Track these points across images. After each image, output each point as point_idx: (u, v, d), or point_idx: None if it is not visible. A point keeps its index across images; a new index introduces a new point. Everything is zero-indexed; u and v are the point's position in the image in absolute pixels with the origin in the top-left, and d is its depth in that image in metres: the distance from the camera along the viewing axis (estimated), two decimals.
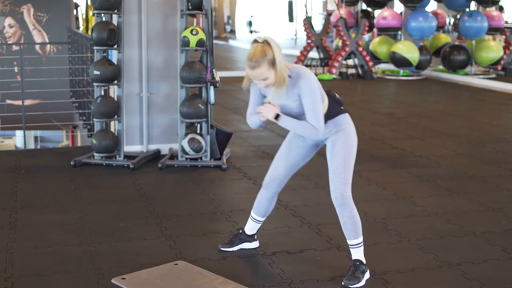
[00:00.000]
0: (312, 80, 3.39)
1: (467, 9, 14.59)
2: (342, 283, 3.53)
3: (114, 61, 6.31)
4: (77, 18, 17.02)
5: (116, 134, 6.31)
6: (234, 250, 4.01)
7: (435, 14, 14.75)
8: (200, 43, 6.09)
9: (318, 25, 20.76)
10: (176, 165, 6.18)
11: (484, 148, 7.12)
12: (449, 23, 20.73)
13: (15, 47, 13.08)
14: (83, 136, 11.17)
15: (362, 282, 3.54)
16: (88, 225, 4.51)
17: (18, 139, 13.54)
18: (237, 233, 4.06)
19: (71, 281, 3.59)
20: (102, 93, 6.32)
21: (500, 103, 10.84)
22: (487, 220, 4.69)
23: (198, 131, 6.30)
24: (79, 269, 3.74)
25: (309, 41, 15.52)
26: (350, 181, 3.55)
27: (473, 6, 14.78)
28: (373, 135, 7.74)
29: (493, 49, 14.17)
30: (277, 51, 3.33)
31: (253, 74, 3.35)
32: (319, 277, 3.65)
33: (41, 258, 3.91)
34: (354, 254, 3.62)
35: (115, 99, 6.30)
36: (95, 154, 6.27)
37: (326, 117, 3.50)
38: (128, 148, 6.62)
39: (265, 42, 3.34)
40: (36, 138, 13.42)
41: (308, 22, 15.46)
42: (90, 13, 14.61)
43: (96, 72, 6.06)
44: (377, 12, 15.61)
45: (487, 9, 14.66)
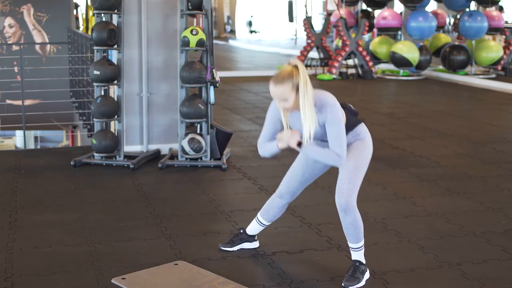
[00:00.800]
0: (338, 109, 3.38)
1: (467, 9, 14.58)
2: (342, 284, 3.53)
3: (114, 61, 6.31)
4: (77, 18, 17.02)
5: (116, 134, 6.31)
6: (234, 250, 4.02)
7: (435, 14, 14.74)
8: (200, 43, 6.09)
9: (318, 25, 20.76)
10: (176, 165, 6.18)
11: (484, 148, 7.12)
12: (449, 23, 20.73)
13: (15, 47, 13.08)
14: (83, 136, 11.17)
15: (362, 283, 3.54)
16: (88, 225, 4.51)
17: (18, 139, 13.54)
18: (238, 233, 4.06)
19: (71, 281, 3.59)
20: (102, 93, 6.32)
21: (500, 103, 10.84)
22: (487, 220, 4.69)
23: (198, 131, 6.30)
24: (79, 269, 3.74)
25: (309, 41, 15.52)
26: (357, 190, 3.54)
27: (473, 6, 14.77)
28: (373, 135, 7.64)
29: (493, 49, 14.17)
30: (304, 78, 3.32)
31: (275, 91, 3.34)
32: (319, 277, 3.65)
33: (41, 258, 3.91)
34: (354, 256, 3.62)
35: (115, 99, 6.30)
36: (95, 154, 6.27)
37: (346, 129, 3.49)
38: (128, 148, 6.62)
39: (296, 67, 3.35)
40: (36, 138, 13.43)
41: (308, 22, 15.45)
42: (90, 13, 14.61)
43: (96, 72, 6.06)
44: (377, 12, 15.60)
45: (487, 9, 14.65)
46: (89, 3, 14.45)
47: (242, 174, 5.94)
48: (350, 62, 14.83)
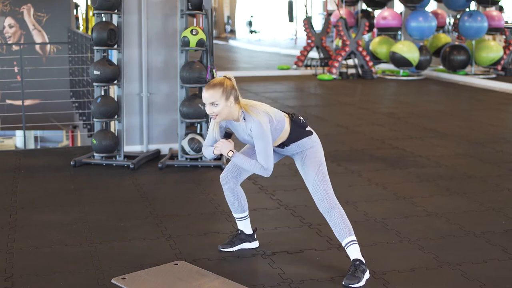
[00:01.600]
0: (262, 123, 3.54)
1: (467, 9, 14.58)
2: (343, 283, 3.53)
3: (114, 61, 6.31)
4: (77, 18, 17.02)
5: (116, 134, 6.31)
6: (234, 250, 4.02)
7: (435, 14, 14.74)
8: (200, 43, 6.09)
9: (318, 25, 20.75)
10: (176, 165, 6.18)
11: (484, 148, 7.12)
12: (449, 23, 20.73)
13: (15, 47, 13.09)
14: (83, 136, 11.17)
15: (362, 282, 3.55)
16: (88, 225, 4.51)
17: (18, 139, 13.54)
18: (237, 233, 4.06)
19: (71, 281, 3.59)
20: (102, 93, 6.32)
21: (500, 103, 10.84)
22: (487, 220, 4.69)
23: (198, 131, 6.30)
24: (79, 269, 3.74)
25: (309, 41, 15.51)
26: (330, 186, 3.69)
27: (473, 6, 14.77)
28: (373, 135, 7.74)
29: (493, 49, 14.16)
30: (235, 90, 3.55)
31: (206, 96, 3.53)
32: (319, 277, 3.65)
33: (41, 258, 3.91)
34: (352, 254, 3.63)
35: (115, 99, 6.30)
36: (95, 154, 6.27)
37: (289, 141, 3.69)
38: (128, 148, 6.62)
39: (228, 78, 3.57)
40: (36, 138, 13.43)
41: (308, 22, 15.45)
42: (90, 13, 14.61)
43: (96, 72, 6.06)
44: (377, 12, 15.60)
45: (487, 9, 14.65)
46: (89, 3, 14.45)
47: None
48: (350, 62, 14.82)
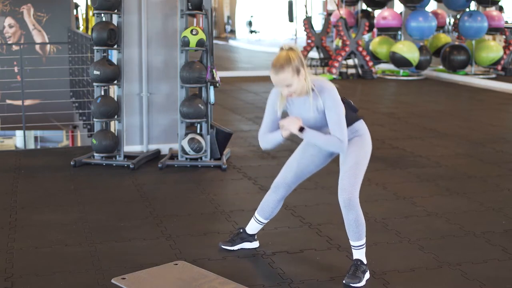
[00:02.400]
0: (336, 93, 3.38)
1: (467, 9, 14.58)
2: (344, 282, 3.53)
3: (114, 61, 6.31)
4: (77, 18, 17.01)
5: (116, 134, 6.31)
6: (235, 249, 4.02)
7: (435, 14, 14.74)
8: (200, 43, 6.09)
9: (318, 25, 20.75)
10: (176, 165, 6.18)
11: (484, 148, 7.12)
12: (449, 23, 20.72)
13: (15, 47, 13.08)
14: (83, 136, 11.16)
15: (363, 282, 3.54)
16: (88, 225, 4.51)
17: (18, 139, 13.54)
18: (238, 232, 4.06)
19: (71, 281, 3.59)
20: (102, 93, 6.32)
21: (500, 103, 10.84)
22: (487, 220, 4.69)
23: (198, 131, 6.30)
24: (79, 269, 3.74)
25: (309, 41, 15.51)
26: (359, 185, 3.55)
27: (473, 6, 14.77)
28: (373, 135, 7.65)
29: (493, 49, 14.16)
30: (302, 58, 3.32)
31: (277, 80, 3.32)
32: (319, 277, 3.65)
33: (41, 258, 3.91)
34: (356, 254, 3.62)
35: (115, 99, 6.30)
36: (95, 154, 6.27)
37: None
38: (128, 148, 6.62)
39: (291, 49, 3.33)
40: (36, 138, 13.43)
41: (308, 22, 15.45)
42: (90, 13, 14.61)
43: (96, 72, 6.05)
44: (377, 12, 15.60)
45: (487, 9, 14.65)
46: (89, 3, 14.45)
47: (242, 174, 5.94)
48: (350, 62, 14.82)
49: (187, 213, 4.80)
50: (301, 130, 3.38)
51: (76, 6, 16.88)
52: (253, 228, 4.03)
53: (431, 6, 15.86)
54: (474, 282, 3.61)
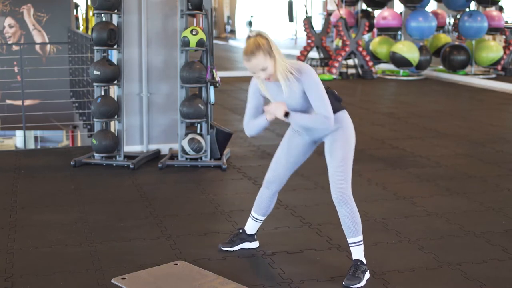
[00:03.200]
0: (314, 73, 3.42)
1: (467, 9, 14.58)
2: (343, 283, 3.53)
3: (114, 61, 6.31)
4: (77, 18, 17.01)
5: (116, 134, 6.31)
6: (234, 250, 4.02)
7: (435, 14, 14.74)
8: (200, 43, 6.09)
9: (318, 25, 20.75)
10: (176, 165, 6.18)
11: (484, 148, 7.12)
12: (449, 23, 20.73)
13: (15, 47, 13.08)
14: (83, 136, 11.17)
15: (363, 282, 3.54)
16: (88, 225, 4.51)
17: (18, 139, 13.54)
18: (238, 233, 4.06)
19: (71, 281, 3.59)
20: (102, 93, 6.32)
21: (500, 103, 10.84)
22: (487, 220, 4.69)
23: (198, 131, 6.30)
24: (79, 269, 3.74)
25: (309, 41, 15.51)
26: (350, 179, 3.57)
27: (473, 6, 14.77)
28: (373, 135, 7.74)
29: (493, 49, 14.16)
30: (271, 42, 3.36)
31: (251, 66, 3.36)
32: (319, 277, 3.65)
33: (41, 258, 3.91)
34: (355, 253, 3.62)
35: (115, 99, 6.30)
36: (95, 154, 6.27)
37: None
38: (128, 148, 6.62)
39: (258, 35, 3.38)
40: (36, 138, 13.42)
41: (308, 22, 15.45)
42: (90, 13, 14.60)
43: (96, 72, 6.06)
44: (377, 12, 15.60)
45: (487, 9, 14.65)
46: (89, 3, 14.45)
47: (242, 174, 5.94)
48: (350, 62, 14.82)
49: (187, 213, 4.80)
50: (286, 115, 3.41)
51: (76, 6, 16.88)
52: (252, 227, 4.03)
53: (431, 6, 15.86)
54: (474, 282, 3.61)
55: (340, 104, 3.59)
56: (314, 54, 16.31)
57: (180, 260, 3.85)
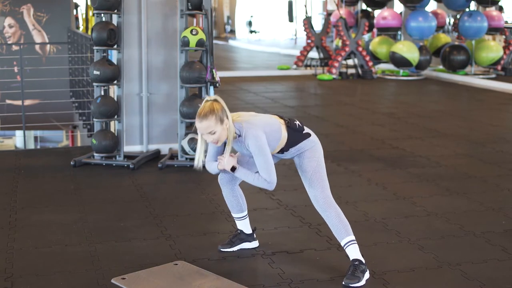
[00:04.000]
0: (259, 140, 3.54)
1: (467, 9, 14.58)
2: (343, 283, 3.53)
3: (114, 61, 6.31)
4: (77, 18, 17.02)
5: (116, 134, 6.31)
6: (234, 250, 4.02)
7: (435, 14, 14.74)
8: (200, 43, 6.09)
9: (318, 25, 20.76)
10: (176, 165, 6.18)
11: (484, 148, 7.12)
12: (449, 23, 20.73)
13: (15, 47, 13.08)
14: (83, 136, 11.16)
15: (362, 282, 3.55)
16: (88, 225, 4.51)
17: (18, 139, 13.54)
18: (236, 233, 4.06)
19: (71, 281, 3.59)
20: (102, 93, 6.32)
21: (500, 103, 10.84)
22: (487, 220, 4.69)
23: None
24: (79, 269, 3.74)
25: (309, 41, 15.52)
26: (328, 184, 3.70)
27: (473, 6, 14.77)
28: (373, 135, 7.74)
29: (493, 49, 14.16)
30: (226, 110, 3.57)
31: (201, 127, 3.53)
32: (319, 277, 3.65)
33: (41, 258, 3.91)
34: (351, 254, 3.62)
35: (115, 99, 6.30)
36: (95, 154, 6.27)
37: (287, 146, 3.69)
38: (128, 148, 6.62)
39: (215, 101, 3.57)
40: (36, 138, 13.42)
41: (308, 22, 15.46)
42: (90, 13, 14.60)
43: (96, 72, 6.06)
44: (377, 12, 15.60)
45: (487, 9, 14.65)
46: (89, 3, 14.44)
47: None
48: (350, 62, 14.83)
49: (187, 213, 4.80)
50: (233, 170, 3.62)
51: (76, 6, 16.89)
52: (245, 226, 4.04)
53: (431, 6, 15.87)
54: (474, 282, 3.61)
55: (302, 134, 3.72)
56: (314, 54, 16.31)
57: (180, 260, 3.85)
